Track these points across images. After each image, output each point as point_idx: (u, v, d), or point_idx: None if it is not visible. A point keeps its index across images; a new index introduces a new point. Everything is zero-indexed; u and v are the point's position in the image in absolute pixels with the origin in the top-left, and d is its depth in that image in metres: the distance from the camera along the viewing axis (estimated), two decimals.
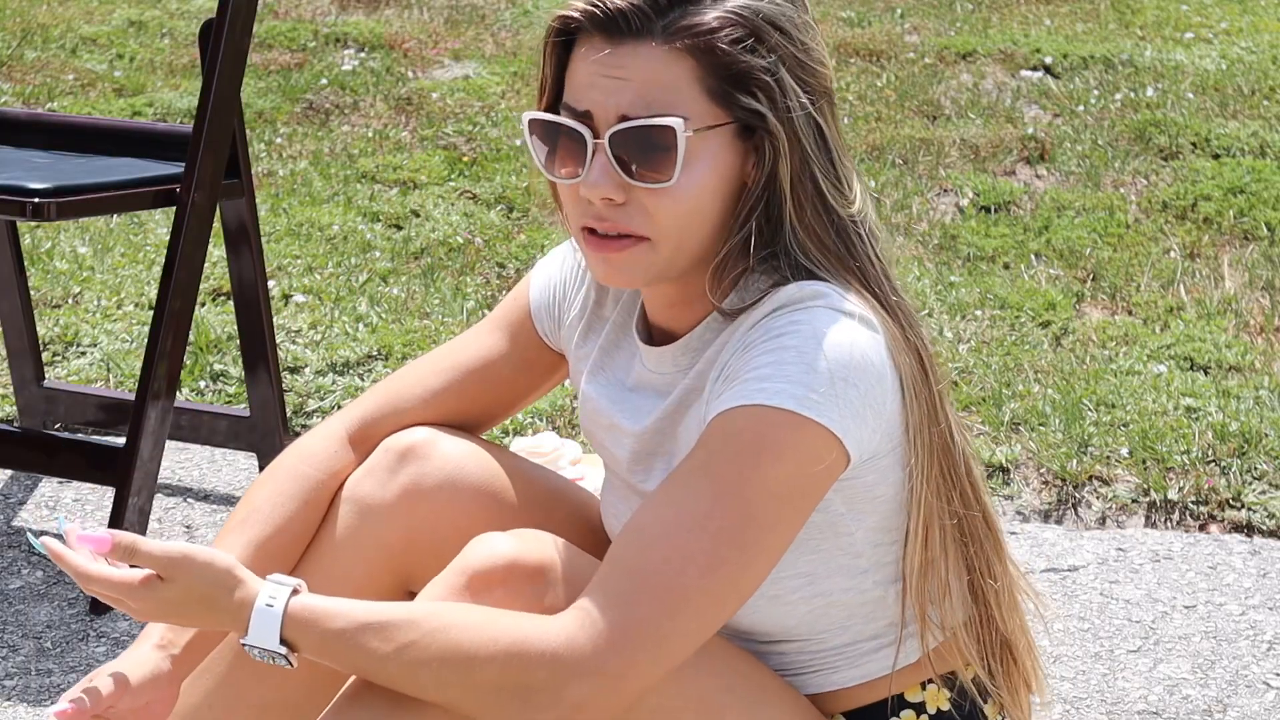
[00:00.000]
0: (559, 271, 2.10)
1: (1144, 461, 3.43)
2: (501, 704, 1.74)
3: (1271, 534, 3.27)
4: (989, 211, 4.74)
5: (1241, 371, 3.80)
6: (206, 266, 3.59)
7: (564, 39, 1.85)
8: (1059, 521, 3.33)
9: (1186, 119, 5.24)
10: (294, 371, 3.79)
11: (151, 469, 2.99)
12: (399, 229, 4.60)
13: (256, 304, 3.26)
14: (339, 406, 3.63)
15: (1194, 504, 3.34)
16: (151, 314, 3.42)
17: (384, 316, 4.05)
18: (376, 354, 3.86)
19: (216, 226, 3.19)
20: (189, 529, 3.25)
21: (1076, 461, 3.43)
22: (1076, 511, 3.35)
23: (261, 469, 3.31)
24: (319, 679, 2.00)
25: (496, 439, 3.44)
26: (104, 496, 3.33)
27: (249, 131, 5.20)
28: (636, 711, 1.80)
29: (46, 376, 3.55)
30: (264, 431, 3.30)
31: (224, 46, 3.02)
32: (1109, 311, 4.17)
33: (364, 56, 5.92)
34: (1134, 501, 3.36)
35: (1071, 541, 3.24)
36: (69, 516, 3.24)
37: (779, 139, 1.80)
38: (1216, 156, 5.03)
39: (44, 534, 1.83)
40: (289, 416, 3.51)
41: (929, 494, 1.87)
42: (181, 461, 3.49)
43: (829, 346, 1.77)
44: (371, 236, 4.53)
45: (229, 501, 3.35)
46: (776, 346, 1.78)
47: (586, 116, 1.82)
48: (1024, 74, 5.70)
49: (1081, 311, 4.16)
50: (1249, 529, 3.29)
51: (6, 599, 2.99)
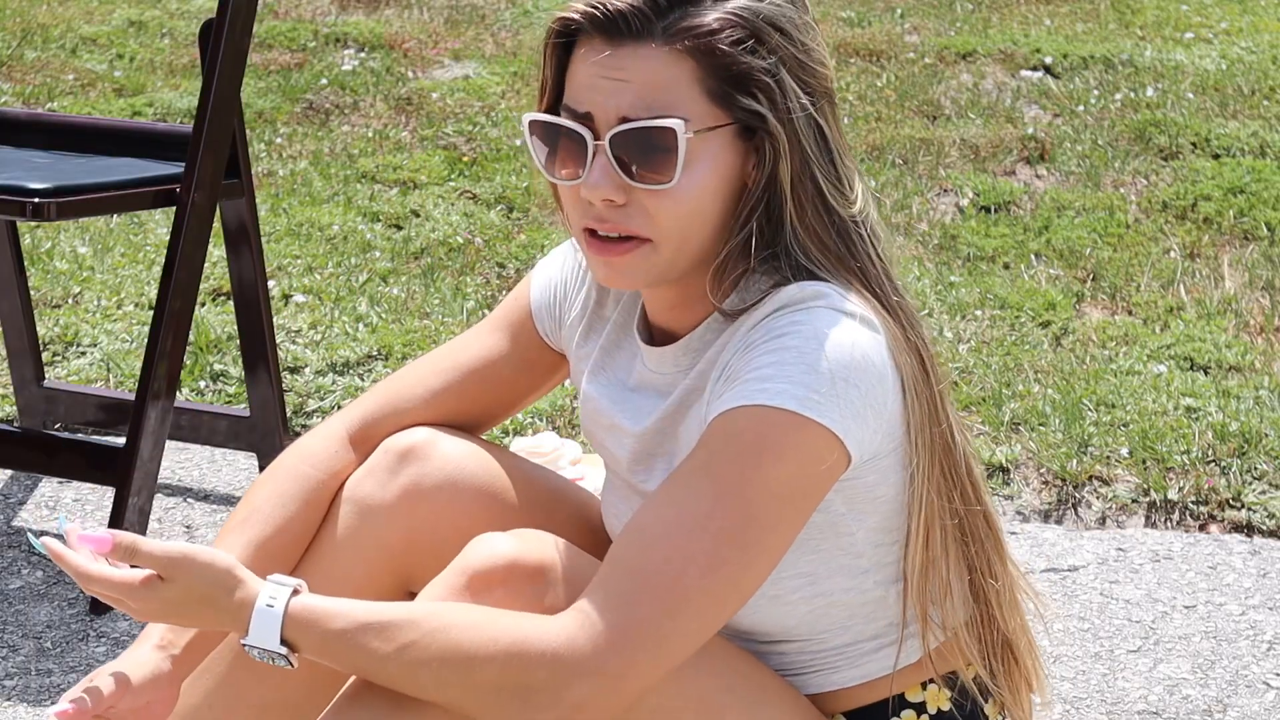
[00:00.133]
0: (560, 272, 2.10)
1: (1144, 461, 3.43)
2: (501, 704, 1.74)
3: (1271, 534, 3.27)
4: (989, 211, 4.74)
5: (1241, 371, 3.80)
6: (206, 266, 3.59)
7: (564, 40, 1.85)
8: (1059, 521, 3.33)
9: (1186, 119, 5.24)
10: (294, 371, 3.79)
11: (151, 469, 2.99)
12: (399, 229, 4.60)
13: (256, 304, 3.26)
14: (339, 406, 3.63)
15: (1194, 504, 3.34)
16: (151, 314, 3.42)
17: (384, 316, 4.05)
18: (376, 354, 3.86)
19: (216, 226, 3.19)
20: (189, 529, 3.25)
21: (1076, 461, 3.43)
22: (1076, 511, 3.35)
23: (261, 469, 3.30)
24: (319, 679, 2.00)
25: (496, 439, 3.44)
26: (104, 496, 3.33)
27: (249, 131, 5.20)
28: (636, 711, 1.80)
29: (46, 376, 3.55)
30: (264, 431, 3.30)
31: (224, 46, 3.02)
32: (1109, 311, 4.17)
33: (364, 56, 5.92)
34: (1134, 501, 3.36)
35: (1071, 541, 3.24)
36: (69, 516, 3.24)
37: (779, 140, 1.81)
38: (1216, 156, 5.03)
39: (44, 534, 1.83)
40: (289, 416, 3.51)
41: (930, 493, 1.87)
42: (181, 461, 3.49)
43: (830, 347, 1.77)
44: (371, 236, 4.53)
45: (229, 501, 3.35)
46: (778, 347, 1.78)
47: (587, 118, 1.82)
48: (1024, 74, 5.70)
49: (1081, 311, 4.16)
50: (1249, 529, 3.29)
51: (6, 599, 2.99)
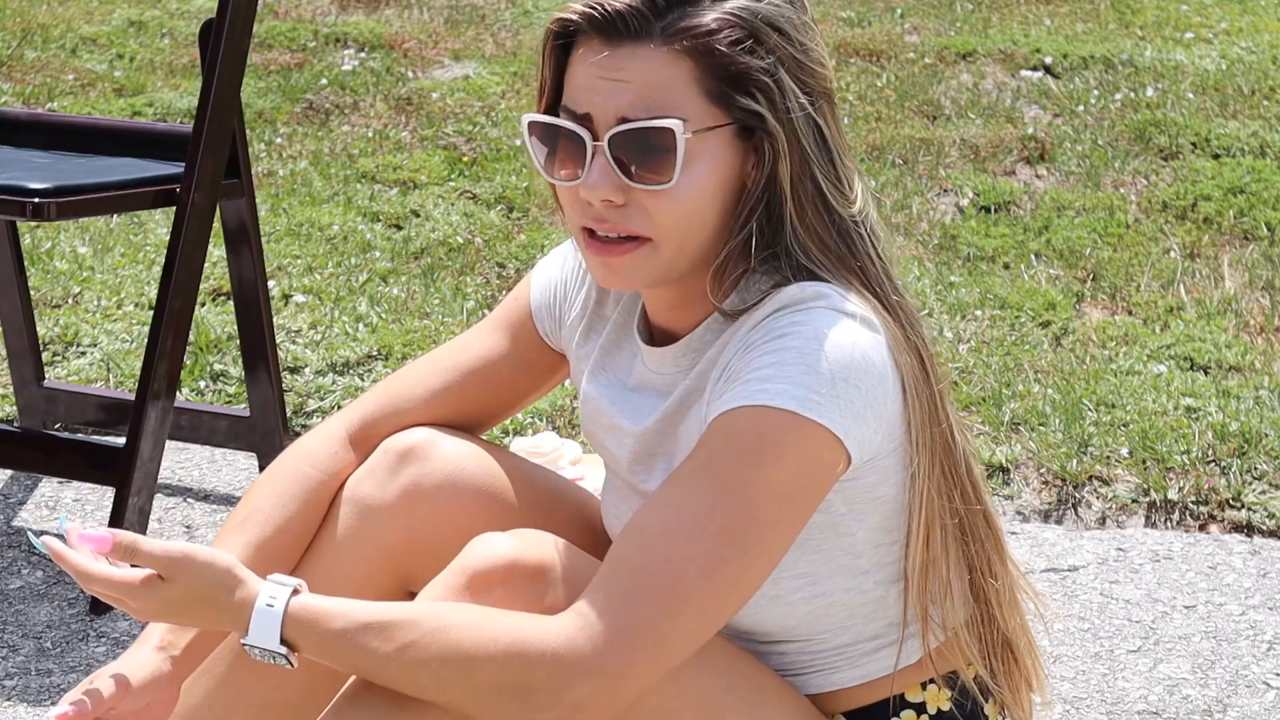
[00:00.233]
0: (559, 271, 2.10)
1: (1144, 461, 3.43)
2: (502, 704, 1.73)
3: (1271, 534, 3.27)
4: (989, 211, 4.74)
5: (1241, 371, 3.80)
6: (206, 266, 3.59)
7: (563, 41, 1.85)
8: (1059, 521, 3.33)
9: (1186, 119, 5.24)
10: (294, 371, 3.79)
11: (151, 469, 2.99)
12: (399, 229, 4.60)
13: (256, 304, 3.26)
14: (339, 406, 3.63)
15: (1194, 504, 3.34)
16: (151, 314, 3.42)
17: (384, 316, 4.05)
18: (376, 354, 3.86)
19: (216, 226, 3.19)
20: (189, 529, 3.25)
21: (1076, 461, 3.43)
22: (1076, 511, 3.35)
23: (261, 469, 3.30)
24: (319, 679, 2.00)
25: (496, 439, 3.44)
26: (104, 496, 3.33)
27: (249, 131, 5.20)
28: (636, 711, 1.80)
29: (46, 376, 3.55)
30: (264, 431, 3.30)
31: (224, 46, 3.02)
32: (1109, 311, 4.17)
33: (364, 56, 5.92)
34: (1134, 501, 3.36)
35: (1071, 541, 3.24)
36: (69, 516, 3.24)
37: (778, 139, 1.80)
38: (1216, 156, 5.03)
39: (44, 534, 1.83)
40: (289, 416, 3.51)
41: (930, 493, 1.87)
42: (181, 461, 3.49)
43: (830, 347, 1.77)
44: (371, 236, 4.53)
45: (229, 501, 3.35)
46: (778, 347, 1.78)
47: (586, 119, 1.82)
48: (1024, 74, 5.70)
49: (1081, 311, 4.16)
50: (1249, 529, 3.29)
51: (6, 599, 2.99)
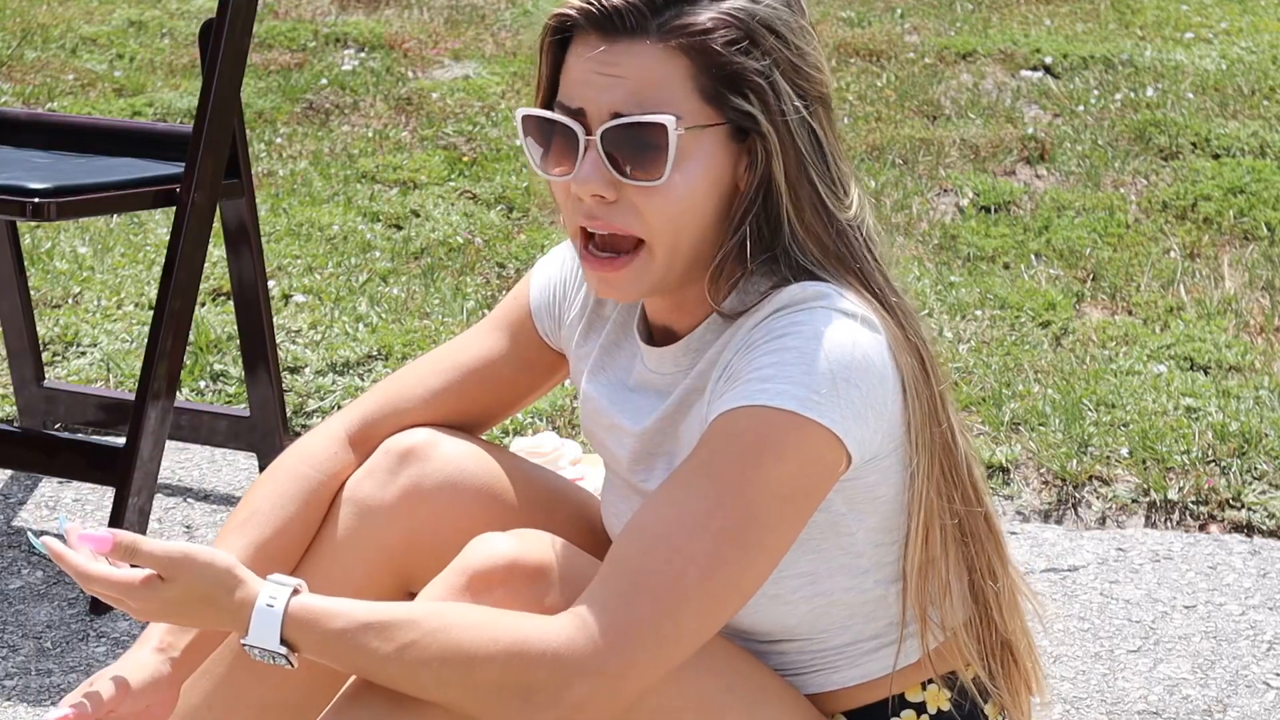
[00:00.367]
0: (559, 271, 2.10)
1: (1144, 461, 3.43)
2: (502, 704, 1.73)
3: (1271, 534, 3.27)
4: (989, 211, 4.74)
5: (1241, 371, 3.80)
6: (206, 266, 3.59)
7: (560, 37, 1.85)
8: (1059, 521, 3.33)
9: (1186, 119, 5.24)
10: (294, 371, 3.79)
11: (151, 469, 2.99)
12: (399, 229, 4.60)
13: (256, 304, 3.26)
14: (339, 406, 3.63)
15: (1194, 504, 3.34)
16: (151, 314, 3.42)
17: (384, 316, 4.05)
18: (376, 354, 3.86)
19: (216, 226, 3.19)
20: (189, 529, 3.25)
21: (1076, 461, 3.43)
22: (1076, 511, 3.35)
23: (261, 469, 3.30)
24: (319, 679, 2.00)
25: (496, 439, 3.44)
26: (104, 496, 3.33)
27: (249, 131, 5.20)
28: (636, 711, 1.80)
29: (46, 376, 3.55)
30: (264, 431, 3.30)
31: (224, 46, 3.02)
32: (1109, 311, 4.17)
33: (364, 56, 5.92)
34: (1134, 501, 3.36)
35: (1071, 541, 3.24)
36: (69, 516, 3.24)
37: (771, 141, 1.80)
38: (1216, 156, 5.03)
39: (44, 534, 1.83)
40: (289, 416, 3.51)
41: (930, 493, 1.87)
42: (181, 461, 3.49)
43: (831, 347, 1.77)
44: (371, 236, 4.53)
45: (229, 501, 3.35)
46: (779, 347, 1.78)
47: (579, 114, 1.82)
48: (1024, 74, 5.70)
49: (1081, 311, 4.16)
50: (1249, 529, 3.29)
51: (6, 599, 2.99)
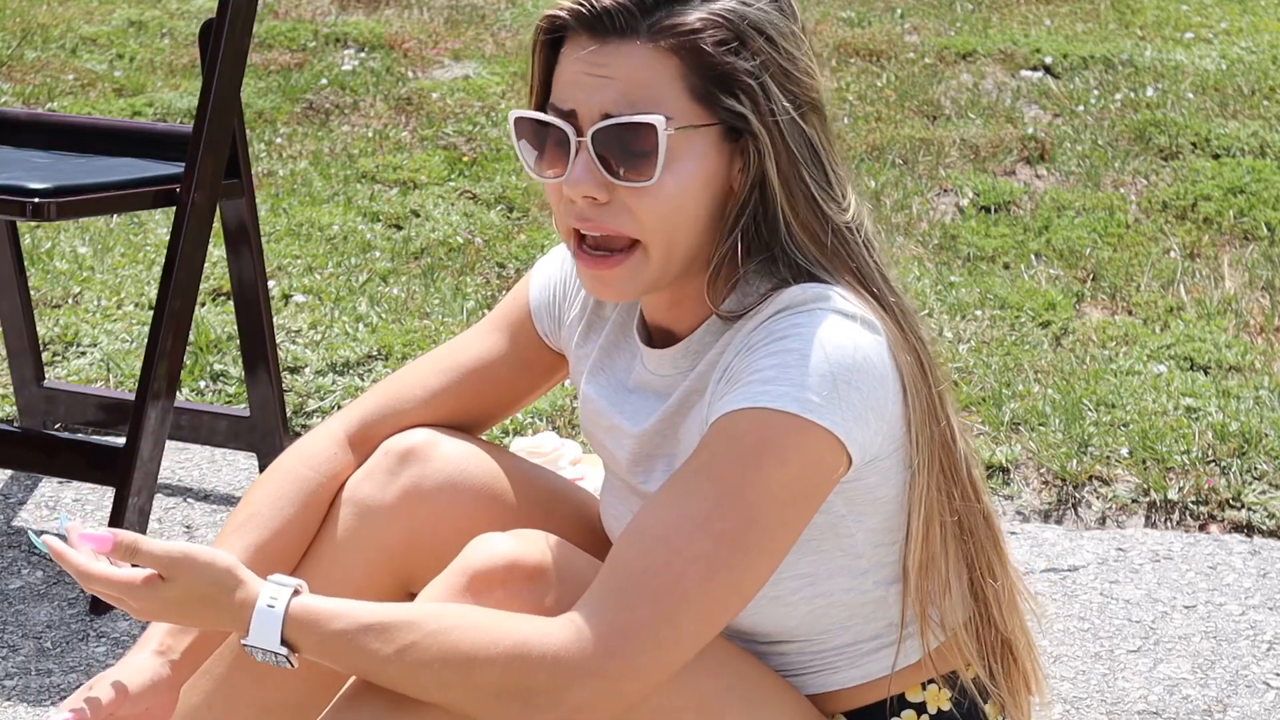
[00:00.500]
0: (559, 271, 2.10)
1: (1144, 461, 3.43)
2: (503, 706, 1.73)
3: (1271, 534, 3.27)
4: (989, 211, 4.74)
5: (1241, 371, 3.80)
6: (206, 266, 3.59)
7: (552, 38, 1.85)
8: (1059, 521, 3.33)
9: (1186, 119, 5.24)
10: (294, 371, 3.79)
11: (151, 469, 2.99)
12: (399, 229, 4.60)
13: (256, 304, 3.26)
14: (339, 406, 3.63)
15: (1194, 504, 3.34)
16: (151, 314, 3.42)
17: (384, 316, 4.05)
18: (376, 354, 3.86)
19: (216, 226, 3.19)
20: (189, 529, 3.25)
21: (1076, 461, 3.43)
22: (1076, 511, 3.35)
23: (261, 469, 3.31)
24: (319, 680, 2.00)
25: (496, 439, 3.44)
26: (104, 496, 3.33)
27: (249, 131, 5.20)
28: (637, 712, 1.80)
29: (46, 376, 3.55)
30: (264, 431, 3.30)
31: (224, 46, 3.02)
32: (1109, 311, 4.17)
33: (364, 56, 5.92)
34: (1134, 501, 3.36)
35: (1071, 541, 3.24)
36: (70, 515, 3.24)
37: (763, 141, 1.80)
38: (1216, 156, 5.03)
39: (45, 533, 1.83)
40: (289, 416, 3.51)
41: (930, 491, 1.87)
42: (181, 461, 3.49)
43: (831, 349, 1.77)
44: (371, 236, 4.53)
45: (229, 501, 3.35)
46: (779, 349, 1.78)
47: (571, 115, 1.81)
48: (1024, 74, 5.70)
49: (1081, 311, 4.16)
50: (1249, 529, 3.29)
51: (6, 599, 2.99)
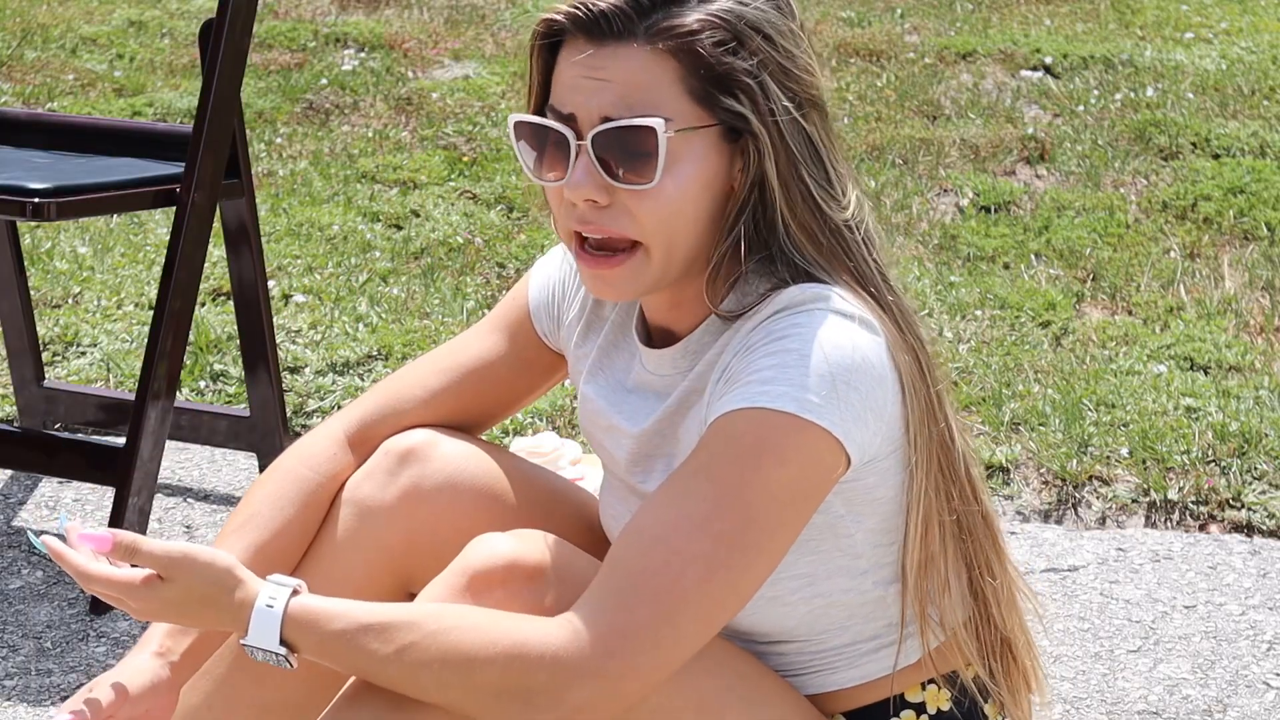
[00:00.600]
0: (558, 271, 2.10)
1: (1144, 461, 3.43)
2: (502, 706, 1.73)
3: (1271, 534, 3.27)
4: (989, 211, 4.74)
5: (1241, 371, 3.80)
6: (206, 266, 3.59)
7: (550, 42, 1.85)
8: (1059, 521, 3.33)
9: (1186, 119, 5.24)
10: (294, 371, 3.79)
11: (151, 469, 2.99)
12: (399, 229, 4.60)
13: (256, 304, 3.26)
14: (339, 406, 3.63)
15: (1194, 504, 3.34)
16: (151, 314, 3.42)
17: (384, 316, 4.05)
18: (376, 354, 3.86)
19: (216, 226, 3.19)
20: (189, 529, 3.25)
21: (1076, 461, 3.43)
22: (1076, 511, 3.35)
23: (262, 469, 3.31)
24: (319, 680, 2.00)
25: (496, 439, 3.44)
26: (104, 496, 3.33)
27: (249, 131, 5.20)
28: (636, 712, 1.80)
29: (46, 376, 3.55)
30: (264, 431, 3.30)
31: (224, 46, 3.02)
32: (1109, 311, 4.17)
33: (364, 56, 5.92)
34: (1134, 501, 3.36)
35: (1071, 541, 3.24)
36: (70, 515, 3.24)
37: (762, 140, 1.80)
38: (1216, 156, 5.03)
39: (44, 533, 1.83)
40: (289, 416, 3.51)
41: (929, 490, 1.87)
42: (181, 461, 3.49)
43: (830, 349, 1.77)
44: (371, 236, 4.53)
45: (229, 501, 3.35)
46: (779, 349, 1.78)
47: (570, 118, 1.82)
48: (1024, 74, 5.70)
49: (1081, 311, 4.16)
50: (1249, 529, 3.29)
51: (6, 599, 2.99)
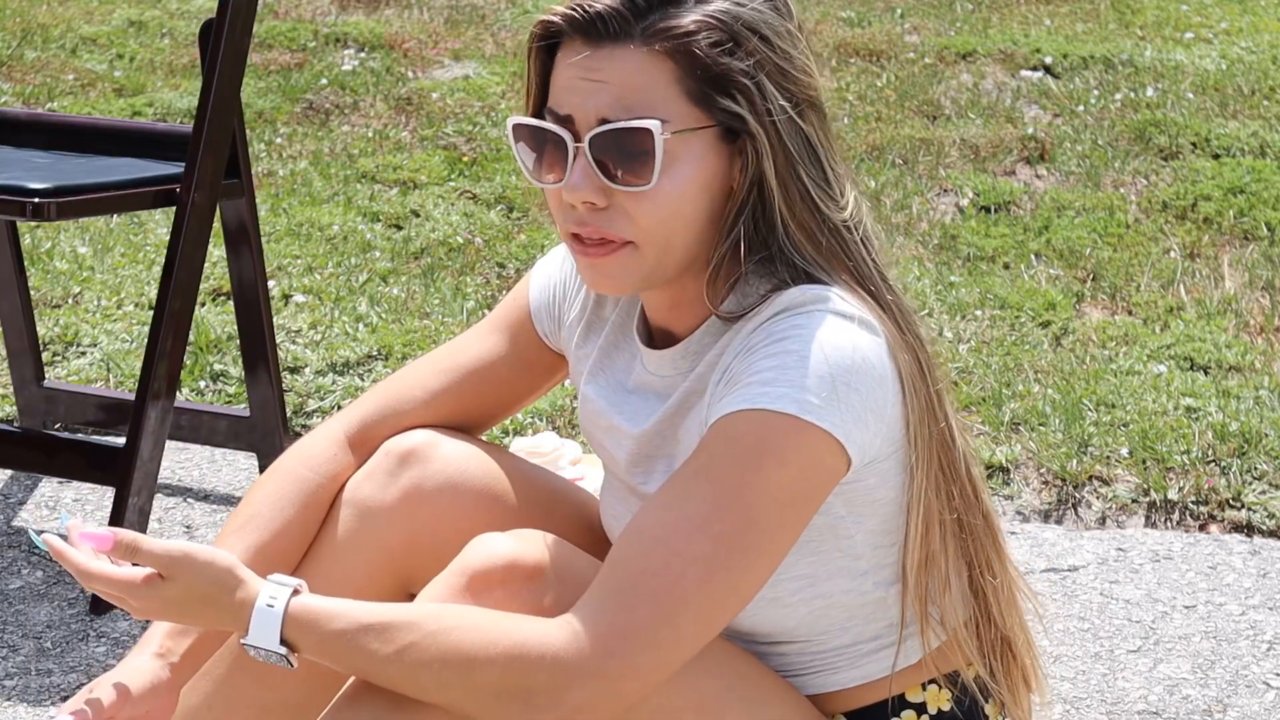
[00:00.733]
0: (559, 272, 2.10)
1: (1144, 461, 3.43)
2: (502, 706, 1.73)
3: (1271, 534, 3.27)
4: (989, 211, 4.74)
5: (1241, 371, 3.80)
6: (206, 266, 3.59)
7: (547, 44, 1.85)
8: (1059, 521, 3.33)
9: (1186, 119, 5.24)
10: (294, 371, 3.79)
11: (151, 469, 2.99)
12: (399, 229, 4.60)
13: (256, 304, 3.26)
14: (339, 406, 3.63)
15: (1194, 504, 3.34)
16: (151, 314, 3.42)
17: (384, 316, 4.05)
18: (376, 354, 3.86)
19: (216, 226, 3.19)
20: (189, 529, 3.25)
21: (1076, 461, 3.43)
22: (1076, 511, 3.35)
23: (262, 469, 3.31)
24: (319, 680, 2.00)
25: (496, 439, 3.44)
26: (104, 496, 3.33)
27: (249, 131, 5.20)
28: (636, 712, 1.80)
29: (46, 376, 3.55)
30: (264, 431, 3.30)
31: (224, 46, 3.02)
32: (1109, 311, 4.17)
33: (364, 56, 5.92)
34: (1134, 501, 3.36)
35: (1071, 541, 3.24)
36: (71, 514, 3.24)
37: (760, 141, 1.80)
38: (1216, 156, 5.03)
39: (45, 533, 1.83)
40: (289, 416, 3.51)
41: (929, 490, 1.87)
42: (181, 461, 3.49)
43: (831, 350, 1.77)
44: (371, 236, 4.53)
45: (229, 501, 3.35)
46: (779, 350, 1.78)
47: (568, 120, 1.82)
48: (1024, 74, 5.70)
49: (1081, 311, 4.16)
50: (1249, 529, 3.29)
51: (6, 599, 2.99)
